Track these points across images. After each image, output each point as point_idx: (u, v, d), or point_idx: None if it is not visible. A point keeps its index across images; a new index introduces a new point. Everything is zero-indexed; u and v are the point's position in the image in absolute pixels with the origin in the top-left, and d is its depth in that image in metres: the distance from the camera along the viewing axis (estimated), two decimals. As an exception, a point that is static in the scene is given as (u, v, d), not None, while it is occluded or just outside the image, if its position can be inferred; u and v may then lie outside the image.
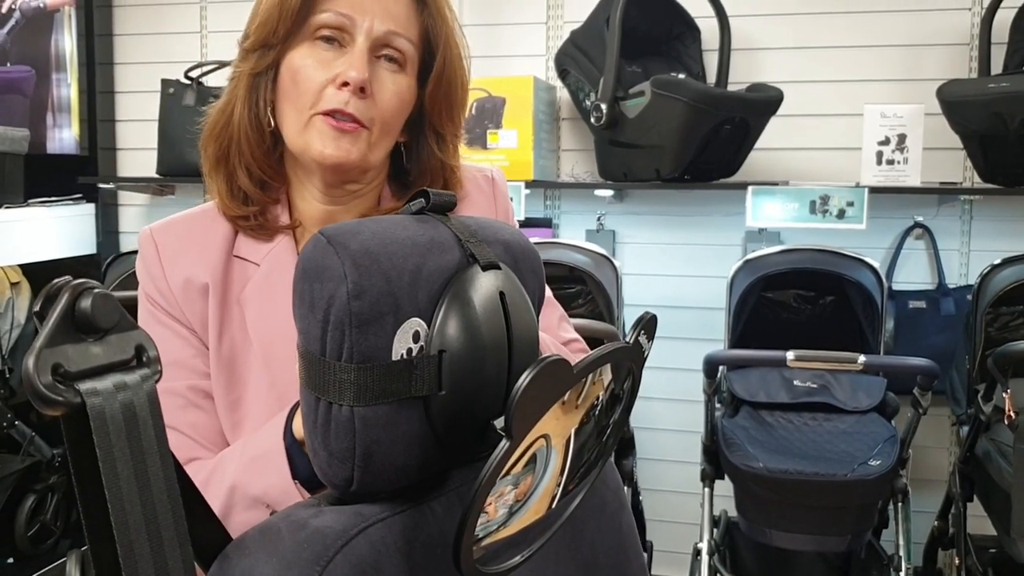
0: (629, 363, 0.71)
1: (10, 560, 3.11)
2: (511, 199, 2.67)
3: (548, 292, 1.15)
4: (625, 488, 2.49)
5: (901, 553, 2.29)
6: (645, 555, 2.76)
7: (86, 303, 0.49)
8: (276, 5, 0.97)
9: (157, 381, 0.52)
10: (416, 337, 0.64)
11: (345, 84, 0.96)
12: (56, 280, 0.51)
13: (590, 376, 0.70)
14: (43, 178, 3.13)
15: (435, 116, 1.05)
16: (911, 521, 2.37)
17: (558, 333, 1.14)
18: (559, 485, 0.71)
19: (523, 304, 0.71)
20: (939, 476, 2.76)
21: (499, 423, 0.60)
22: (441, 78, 1.03)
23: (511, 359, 0.68)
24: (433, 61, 1.03)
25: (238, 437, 0.99)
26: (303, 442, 0.82)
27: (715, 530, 2.48)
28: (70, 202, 3.20)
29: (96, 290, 0.50)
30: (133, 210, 3.45)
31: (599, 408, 0.72)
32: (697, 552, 2.40)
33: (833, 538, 2.20)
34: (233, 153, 1.02)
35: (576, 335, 1.17)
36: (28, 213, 2.99)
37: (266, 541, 0.60)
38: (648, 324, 0.72)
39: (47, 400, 0.47)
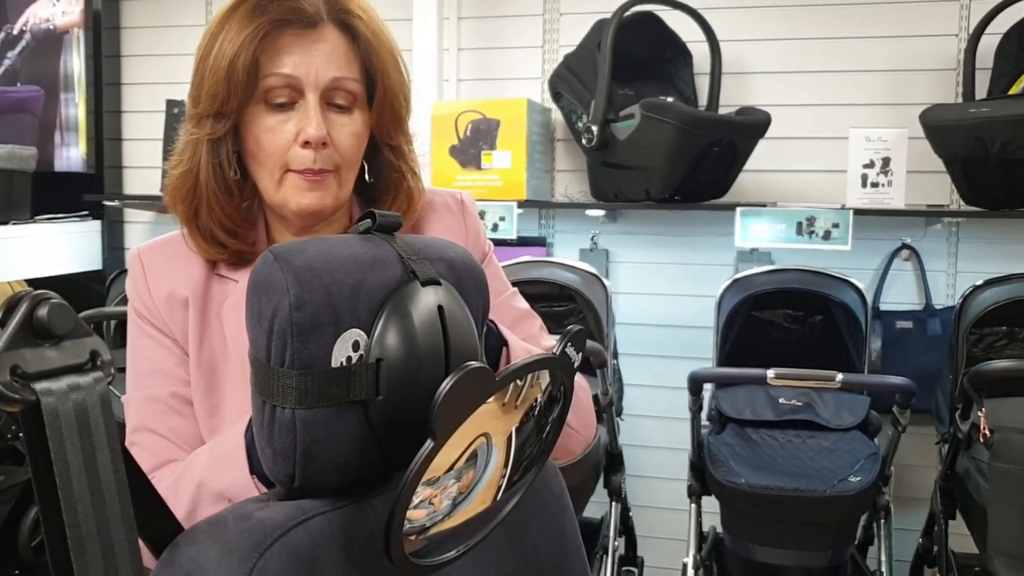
0: (562, 373, 0.76)
1: (16, 572, 3.16)
2: (502, 219, 2.72)
3: (524, 304, 1.21)
4: (614, 504, 2.55)
5: (883, 569, 2.32)
6: (635, 570, 2.81)
7: (43, 311, 0.55)
8: (223, 79, 1.00)
9: (110, 383, 0.58)
10: (356, 346, 0.69)
11: (307, 143, 1.02)
12: (17, 291, 0.56)
13: (528, 379, 0.76)
14: (50, 195, 3.21)
15: (384, 135, 1.11)
16: (893, 538, 2.40)
17: (540, 342, 1.18)
18: (504, 477, 0.77)
19: (462, 318, 0.76)
20: (925, 494, 2.78)
21: (433, 427, 0.66)
22: (384, 103, 1.08)
23: (448, 369, 0.73)
24: (375, 85, 1.08)
25: None
26: None
27: (703, 545, 2.52)
28: (76, 219, 3.28)
29: (53, 300, 0.55)
30: (138, 227, 3.52)
31: (538, 408, 0.78)
32: (685, 568, 2.44)
33: (814, 553, 2.24)
34: (204, 213, 1.07)
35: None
36: (35, 229, 3.06)
37: (212, 531, 0.65)
38: (576, 336, 0.77)
39: (4, 398, 0.53)
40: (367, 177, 1.12)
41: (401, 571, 0.68)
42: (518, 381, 0.75)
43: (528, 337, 1.15)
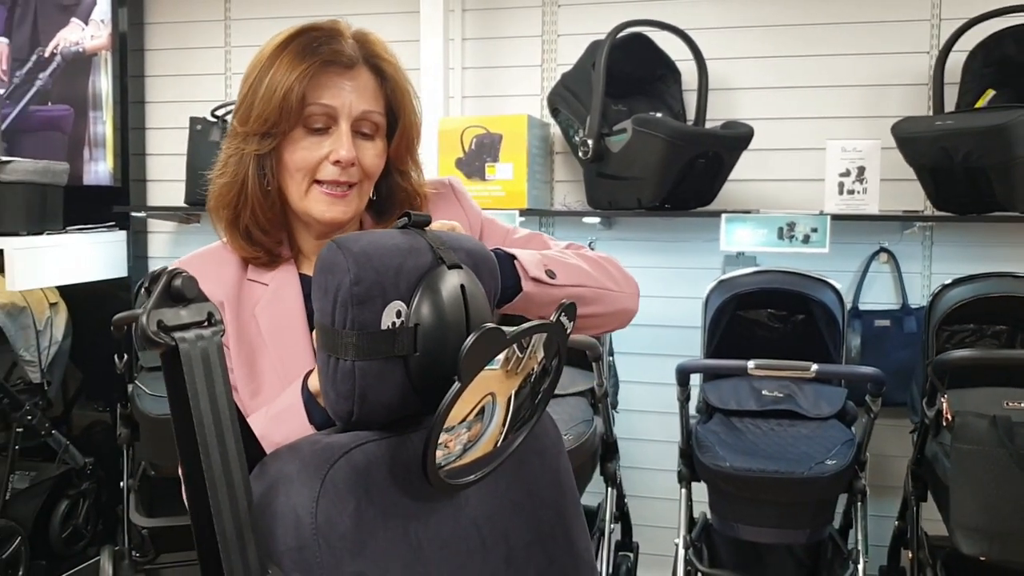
0: (556, 338, 0.97)
1: (44, 563, 3.35)
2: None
3: (525, 232, 1.43)
4: (610, 489, 2.75)
5: (860, 547, 2.51)
6: (631, 555, 3.00)
7: (178, 282, 0.76)
8: (276, 106, 1.20)
9: (221, 336, 0.78)
10: (399, 315, 0.90)
11: (337, 162, 1.22)
12: (156, 268, 0.77)
13: (528, 351, 0.96)
14: (80, 207, 3.41)
15: (399, 162, 1.32)
16: (873, 522, 2.58)
17: (549, 245, 1.40)
18: (502, 432, 0.98)
19: (479, 295, 0.97)
20: (902, 483, 2.98)
21: (458, 376, 0.86)
22: (403, 136, 1.29)
23: (469, 334, 0.94)
24: (395, 119, 1.29)
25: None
26: (317, 395, 1.07)
27: (693, 527, 2.71)
28: (104, 230, 3.47)
29: (184, 274, 0.76)
30: (161, 237, 3.73)
31: (534, 377, 0.99)
32: (677, 548, 2.63)
33: (793, 531, 2.44)
34: (246, 216, 1.27)
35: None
36: (66, 239, 3.25)
37: (291, 451, 0.86)
38: (568, 308, 0.98)
39: (153, 343, 0.74)
40: (372, 196, 1.32)
41: (434, 486, 0.88)
42: (519, 351, 0.95)
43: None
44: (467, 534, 0.98)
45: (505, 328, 0.90)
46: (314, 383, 1.07)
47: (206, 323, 0.78)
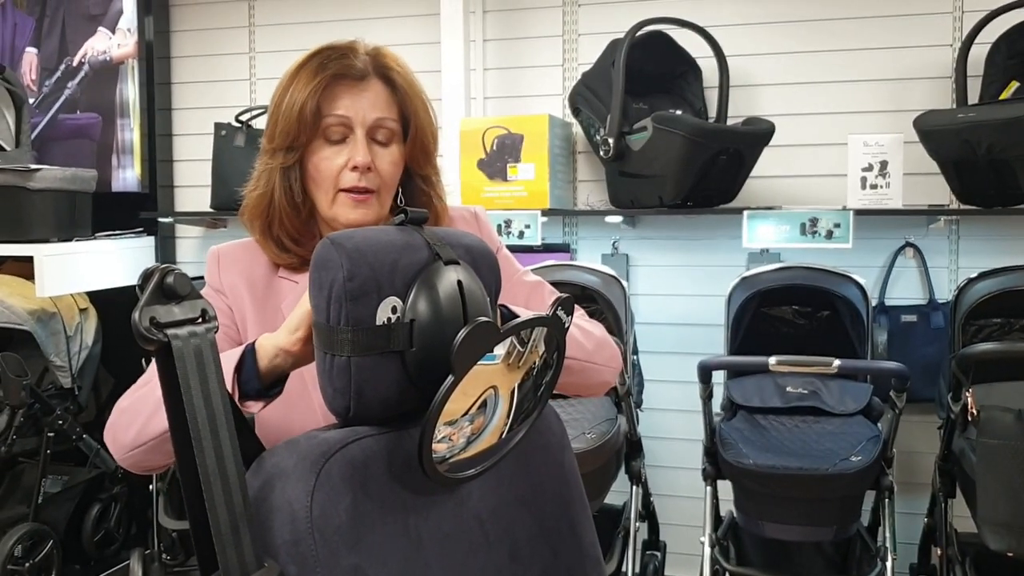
0: (555, 332, 0.97)
1: (77, 567, 3.40)
2: (527, 227, 2.91)
3: (534, 277, 1.47)
4: (635, 488, 2.74)
5: (888, 545, 2.48)
6: (658, 555, 2.99)
7: (170, 279, 0.77)
8: (295, 120, 1.28)
9: (215, 333, 0.80)
10: (394, 310, 0.91)
11: (355, 167, 1.29)
12: (150, 265, 0.78)
13: (528, 345, 0.97)
14: (109, 214, 3.46)
15: (415, 165, 1.38)
16: (902, 519, 2.54)
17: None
18: (506, 424, 0.98)
19: (477, 290, 0.98)
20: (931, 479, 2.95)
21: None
22: (415, 140, 1.35)
23: (467, 329, 0.94)
24: (409, 125, 1.35)
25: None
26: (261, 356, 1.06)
27: (719, 526, 2.69)
28: (132, 235, 3.52)
29: (176, 271, 0.78)
30: (189, 242, 3.78)
31: (536, 370, 0.99)
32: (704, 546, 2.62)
33: (819, 528, 2.41)
34: (276, 226, 1.35)
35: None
36: (95, 246, 3.30)
37: (289, 446, 0.87)
38: (565, 302, 0.98)
39: (146, 339, 0.75)
40: (400, 201, 1.38)
41: (432, 479, 0.89)
42: (520, 346, 0.96)
43: (540, 304, 1.41)
44: (470, 528, 0.98)
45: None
46: (266, 342, 1.08)
47: (200, 320, 0.79)
